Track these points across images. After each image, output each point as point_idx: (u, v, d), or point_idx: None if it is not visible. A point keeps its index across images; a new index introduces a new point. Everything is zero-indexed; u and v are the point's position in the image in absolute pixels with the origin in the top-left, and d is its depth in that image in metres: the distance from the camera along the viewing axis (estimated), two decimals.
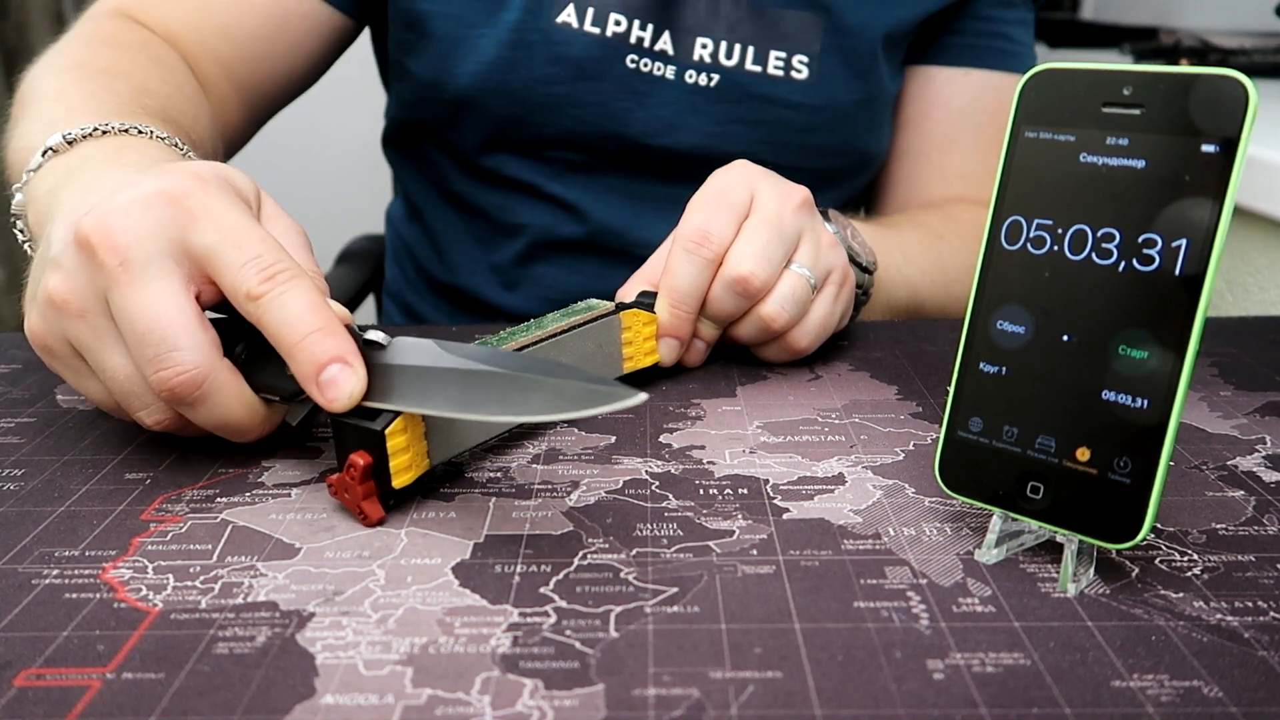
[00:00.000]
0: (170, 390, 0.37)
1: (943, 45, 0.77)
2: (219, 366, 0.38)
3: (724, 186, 0.51)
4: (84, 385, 0.41)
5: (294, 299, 0.37)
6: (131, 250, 0.37)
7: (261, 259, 0.37)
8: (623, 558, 0.36)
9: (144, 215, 0.38)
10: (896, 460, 0.43)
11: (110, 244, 0.37)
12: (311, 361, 0.37)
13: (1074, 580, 0.34)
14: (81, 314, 0.38)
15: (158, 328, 0.37)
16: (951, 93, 0.77)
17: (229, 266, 0.37)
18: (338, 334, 0.37)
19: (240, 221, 0.38)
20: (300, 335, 0.37)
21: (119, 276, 0.37)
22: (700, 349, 0.53)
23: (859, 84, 0.72)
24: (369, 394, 0.37)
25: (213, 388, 0.38)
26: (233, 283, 0.37)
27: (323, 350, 0.37)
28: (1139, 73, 0.32)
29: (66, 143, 0.47)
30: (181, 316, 0.37)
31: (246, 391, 0.39)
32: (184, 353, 0.37)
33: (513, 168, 0.73)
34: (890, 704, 0.28)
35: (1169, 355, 0.31)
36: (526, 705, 0.28)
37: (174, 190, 0.38)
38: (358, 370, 0.37)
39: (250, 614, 0.33)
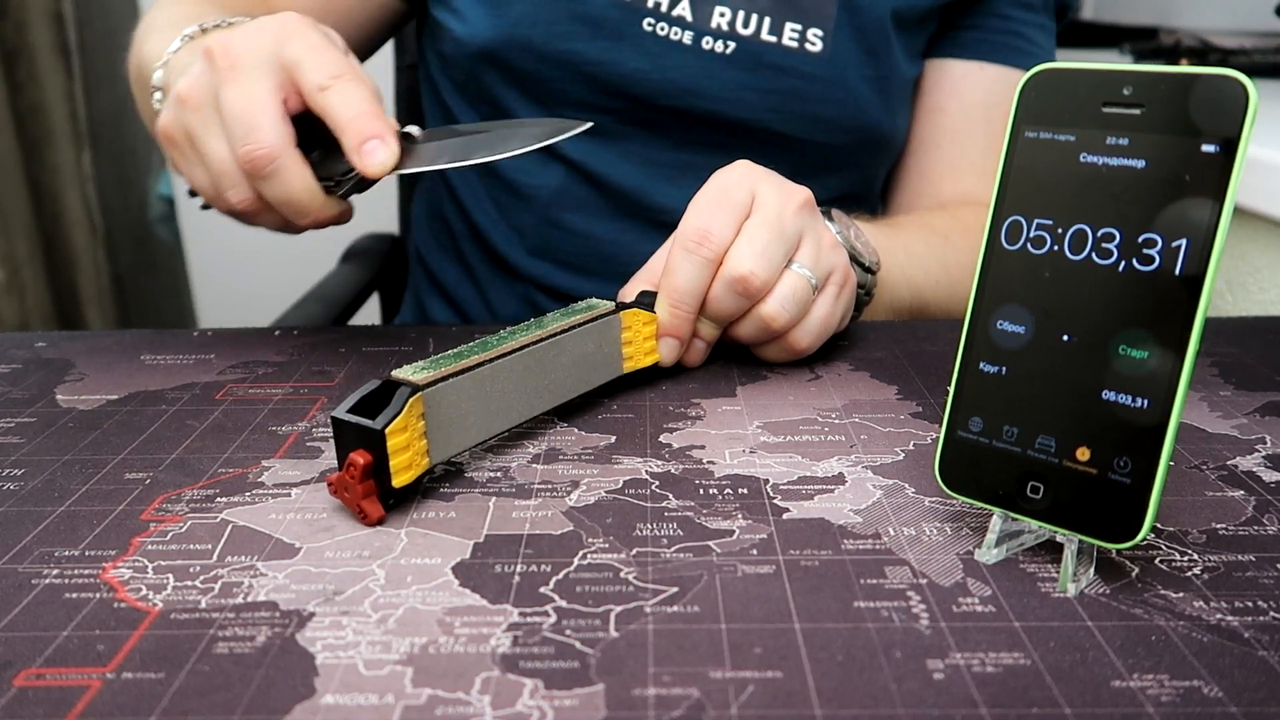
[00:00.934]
0: (251, 162, 0.47)
1: (959, 39, 0.78)
2: (290, 150, 0.47)
3: (724, 186, 0.51)
4: (192, 171, 0.51)
5: (352, 91, 0.47)
6: (240, 57, 0.47)
7: (334, 65, 0.48)
8: (623, 558, 0.36)
9: (254, 34, 0.48)
10: (896, 460, 0.43)
11: (226, 52, 0.48)
12: (358, 134, 0.46)
13: (1074, 580, 0.34)
14: (198, 106, 0.48)
15: (248, 113, 0.47)
16: (966, 86, 0.78)
17: (309, 69, 0.47)
18: (381, 118, 0.47)
19: (322, 43, 0.49)
20: (353, 115, 0.47)
21: (227, 75, 0.47)
22: (700, 349, 0.53)
23: (870, 61, 0.73)
24: (400, 163, 0.47)
25: (283, 165, 0.47)
26: (309, 80, 0.47)
27: (369, 128, 0.47)
28: (1139, 73, 0.32)
29: (201, 30, 0.57)
30: (267, 107, 0.47)
31: (309, 176, 0.48)
32: (265, 132, 0.46)
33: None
34: (890, 704, 0.28)
35: (1169, 355, 0.31)
36: (526, 705, 0.28)
37: (279, 22, 0.49)
38: (391, 146, 0.47)
39: (250, 614, 0.33)
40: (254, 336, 0.59)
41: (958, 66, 0.78)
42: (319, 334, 0.60)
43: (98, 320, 1.81)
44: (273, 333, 0.60)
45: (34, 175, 1.70)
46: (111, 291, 1.82)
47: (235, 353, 0.57)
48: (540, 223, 0.78)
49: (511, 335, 0.46)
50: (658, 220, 0.72)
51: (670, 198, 0.74)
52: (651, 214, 0.75)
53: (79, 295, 1.79)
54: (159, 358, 0.56)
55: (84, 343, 0.59)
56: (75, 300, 1.79)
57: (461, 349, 0.44)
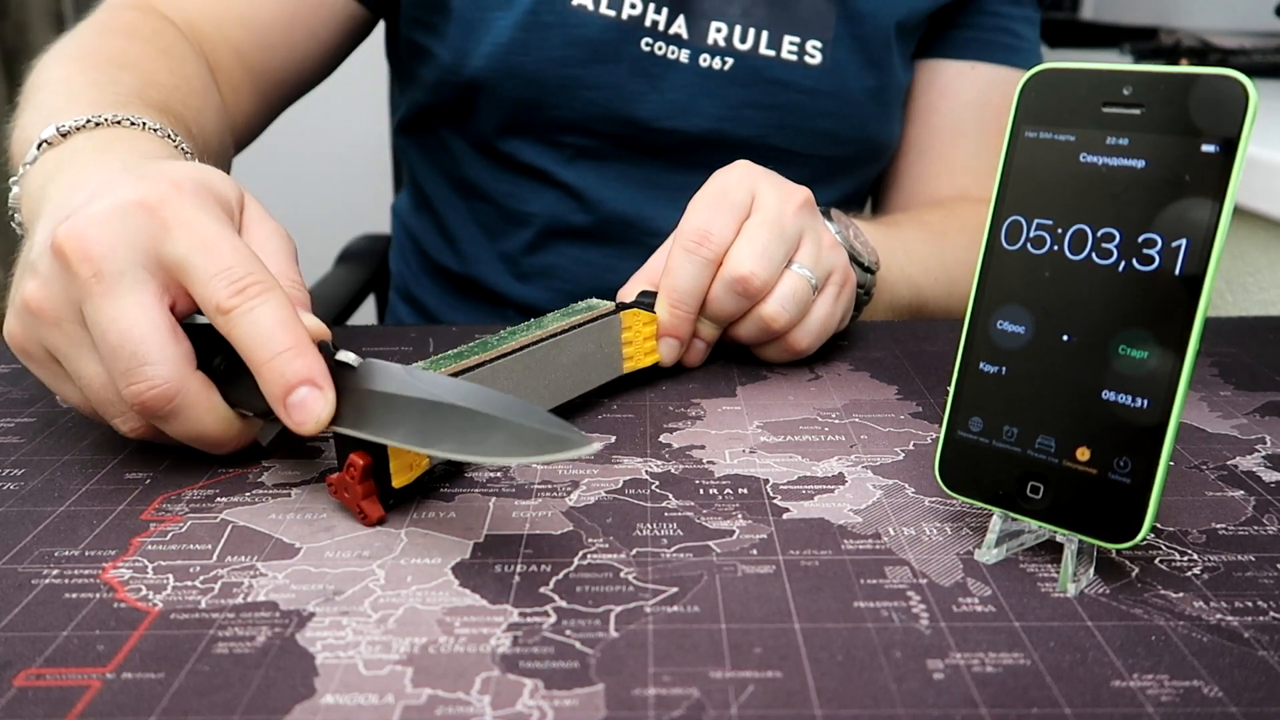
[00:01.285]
0: (142, 404, 0.37)
1: (951, 39, 0.77)
2: (191, 380, 0.38)
3: (724, 186, 0.51)
4: (61, 389, 0.41)
5: (264, 315, 0.37)
6: (105, 261, 0.37)
7: (232, 271, 0.37)
8: (623, 558, 0.36)
9: (118, 225, 0.37)
10: (896, 460, 0.43)
11: (84, 254, 0.37)
12: (280, 382, 0.36)
13: (1074, 580, 0.34)
14: (56, 322, 0.38)
15: (129, 341, 0.37)
16: (959, 86, 0.77)
17: (200, 278, 0.37)
18: (308, 354, 0.37)
19: (214, 230, 0.38)
20: (270, 354, 0.36)
21: (92, 287, 0.37)
22: (700, 349, 0.53)
23: (871, 72, 0.72)
24: (337, 417, 0.37)
25: (185, 402, 0.38)
26: (204, 294, 0.37)
27: (292, 371, 0.36)
28: (1139, 73, 0.32)
29: (60, 135, 0.47)
30: (153, 330, 0.37)
31: (220, 405, 0.39)
32: (155, 367, 0.37)
33: (525, 153, 0.73)
34: (890, 704, 0.28)
35: (1169, 355, 0.31)
36: (526, 705, 0.28)
37: (149, 199, 0.38)
38: (326, 394, 0.37)
39: (250, 614, 0.33)
40: None
41: (949, 67, 0.78)
42: None
43: None
44: None
45: None
46: None
47: None
48: (531, 248, 0.76)
49: (511, 335, 0.46)
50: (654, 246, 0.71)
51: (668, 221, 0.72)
52: (648, 238, 0.72)
53: None
54: None
55: None
56: None
57: (461, 349, 0.44)
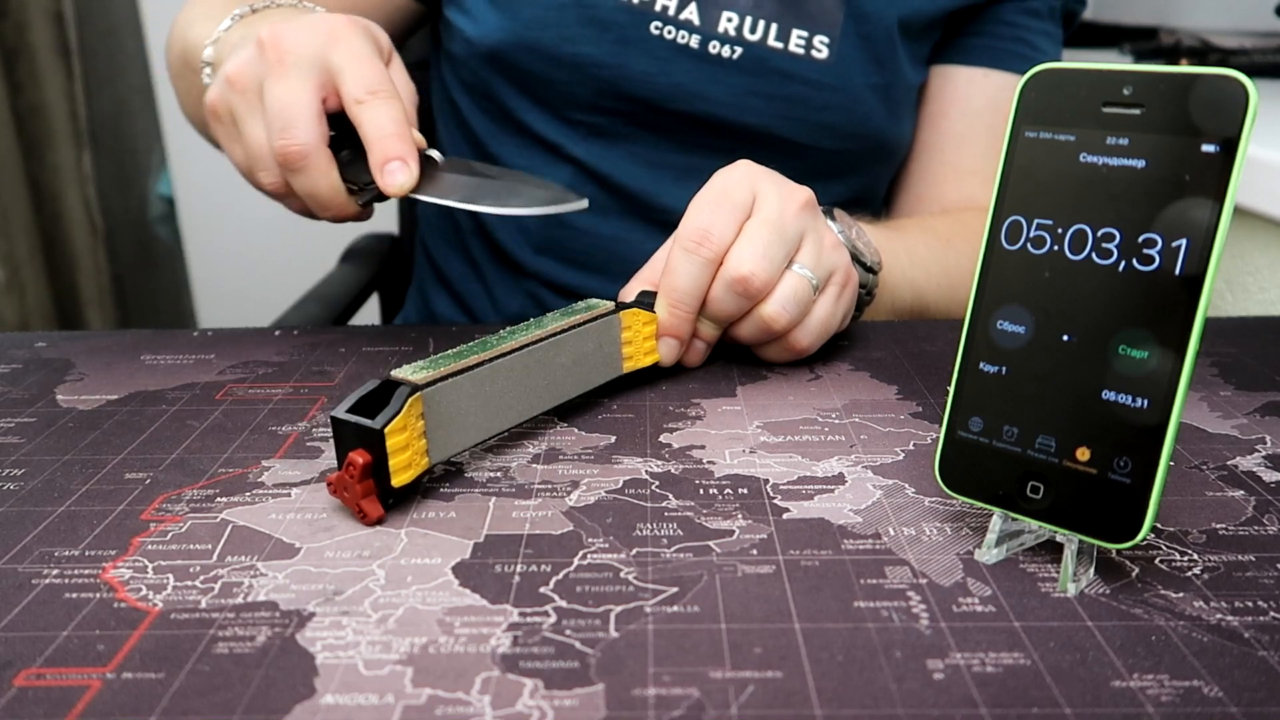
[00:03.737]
0: (284, 155, 0.50)
1: (965, 46, 0.78)
2: (321, 149, 0.50)
3: (725, 186, 0.51)
4: (231, 147, 0.54)
5: (385, 109, 0.49)
6: (288, 53, 0.50)
7: (372, 79, 0.50)
8: (623, 558, 0.36)
9: (305, 33, 0.50)
10: (896, 460, 0.43)
11: (276, 46, 0.50)
12: (383, 153, 0.49)
13: (1074, 580, 0.34)
14: (244, 90, 0.51)
15: (286, 108, 0.49)
16: (970, 92, 0.78)
17: (349, 78, 0.50)
18: (407, 140, 0.50)
19: (367, 53, 0.51)
20: (382, 134, 0.49)
21: (274, 69, 0.50)
22: (700, 349, 0.53)
23: (876, 69, 0.73)
24: (416, 187, 0.50)
25: (312, 163, 0.50)
26: (348, 90, 0.50)
27: (393, 148, 0.49)
28: (1139, 73, 0.32)
29: (252, 11, 0.61)
30: (305, 106, 0.49)
31: (336, 175, 0.51)
32: (299, 130, 0.49)
33: (541, 127, 0.75)
34: (890, 704, 0.28)
35: (1169, 355, 0.31)
36: (526, 705, 0.28)
37: (330, 23, 0.51)
38: (411, 169, 0.49)
39: (250, 614, 0.33)
40: (254, 336, 0.59)
41: (962, 73, 0.78)
42: (319, 334, 0.60)
43: (98, 320, 1.81)
44: (273, 333, 0.60)
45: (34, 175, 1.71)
46: (111, 291, 1.82)
47: (235, 353, 0.57)
48: (547, 222, 0.78)
49: (511, 335, 0.46)
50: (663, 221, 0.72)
51: (676, 199, 0.74)
52: (657, 214, 0.75)
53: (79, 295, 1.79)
54: (159, 358, 0.56)
55: (84, 343, 0.59)
56: (75, 300, 1.79)
57: (461, 348, 0.44)
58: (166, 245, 1.90)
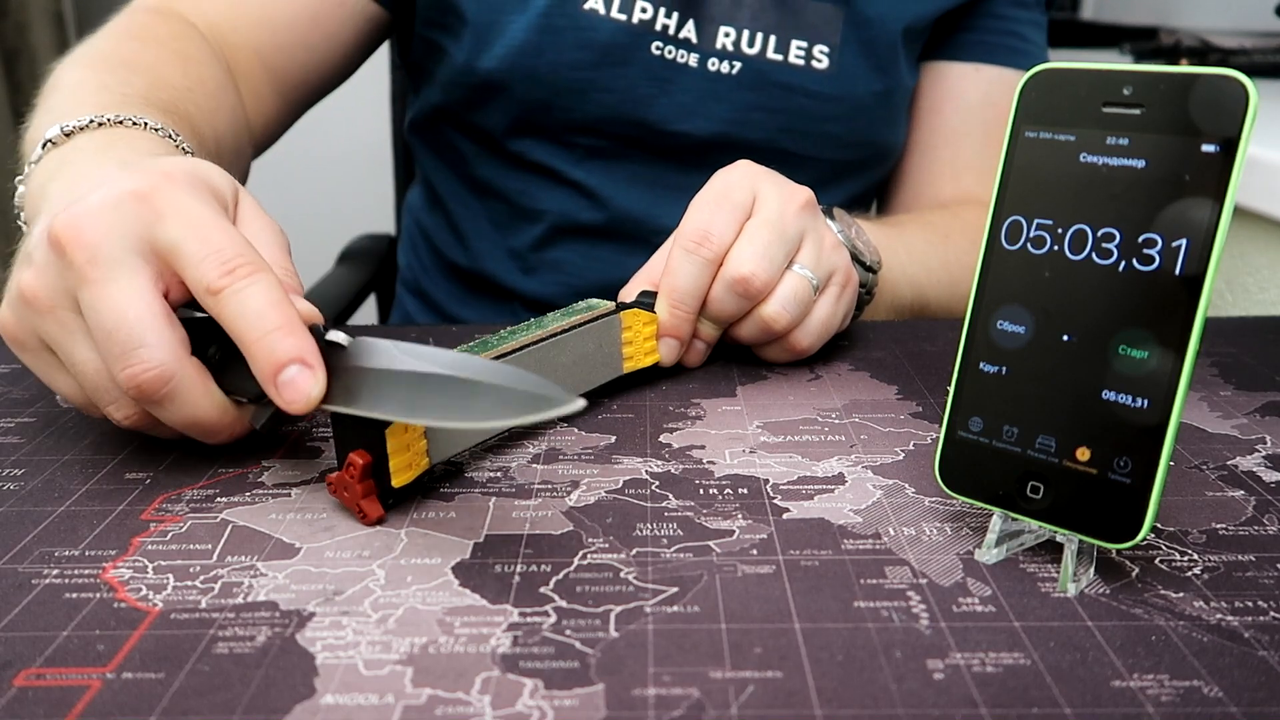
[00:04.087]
0: (137, 387, 0.37)
1: (957, 41, 0.78)
2: (186, 364, 0.38)
3: (726, 186, 0.51)
4: (54, 380, 0.41)
5: (254, 294, 0.37)
6: (99, 248, 0.37)
7: (223, 252, 0.37)
8: (623, 558, 0.36)
9: (112, 214, 0.38)
10: (896, 460, 0.43)
11: (79, 242, 0.37)
12: (270, 361, 0.36)
13: (1074, 580, 0.34)
14: (51, 309, 0.39)
15: (124, 324, 0.37)
16: (964, 88, 0.78)
17: (191, 260, 0.37)
18: (297, 332, 0.37)
19: (205, 217, 0.38)
20: (259, 333, 0.37)
21: (87, 273, 0.37)
22: (700, 349, 0.53)
23: (878, 76, 0.72)
24: (328, 396, 0.37)
25: (179, 386, 0.38)
26: (195, 277, 0.37)
27: (282, 350, 0.36)
28: (1139, 73, 0.32)
29: (64, 134, 0.47)
30: (148, 313, 0.37)
31: (214, 391, 0.39)
32: (150, 349, 0.37)
33: (536, 152, 0.74)
34: (890, 704, 0.28)
35: (1169, 355, 0.31)
36: (526, 705, 0.28)
37: (142, 188, 0.39)
38: (317, 373, 0.37)
39: (250, 614, 0.33)
40: None
41: (954, 69, 0.78)
42: None
43: None
44: None
45: None
46: None
47: None
48: (540, 244, 0.77)
49: (512, 335, 0.46)
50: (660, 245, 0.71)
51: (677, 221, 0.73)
52: (657, 237, 0.72)
53: None
54: None
55: None
56: None
57: (461, 348, 0.44)
58: None
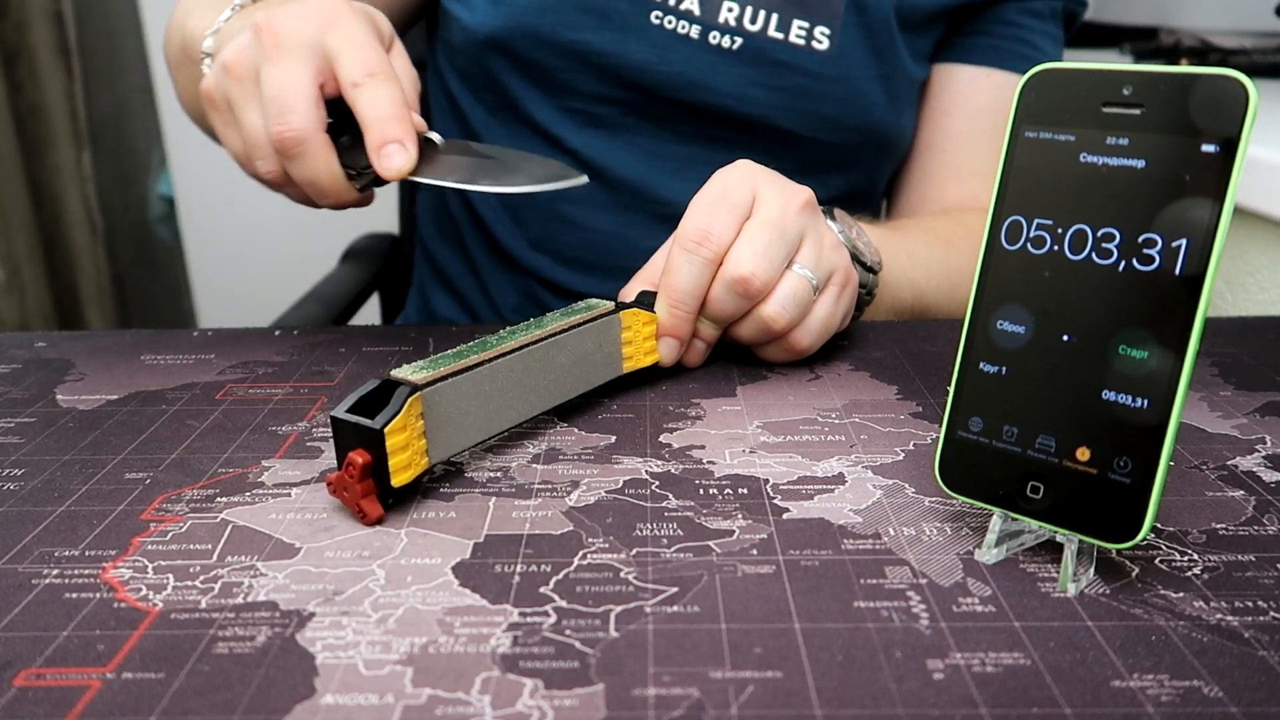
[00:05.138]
0: (280, 140, 0.48)
1: (967, 45, 0.78)
2: (319, 135, 0.49)
3: (726, 187, 0.51)
4: (228, 135, 0.53)
5: (381, 92, 0.48)
6: (284, 38, 0.49)
7: (369, 62, 0.49)
8: (623, 558, 0.36)
9: (299, 18, 0.50)
10: (896, 460, 0.43)
11: (271, 30, 0.49)
12: (380, 136, 0.48)
13: (1074, 580, 0.34)
14: (240, 77, 0.50)
15: (284, 94, 0.48)
16: (973, 91, 0.78)
17: (346, 61, 0.49)
18: (405, 123, 0.48)
19: (365, 37, 0.50)
20: (379, 116, 0.48)
21: (270, 53, 0.49)
22: (700, 349, 0.53)
23: (877, 60, 0.73)
24: (415, 170, 0.49)
25: (309, 149, 0.49)
26: (345, 73, 0.49)
27: (390, 131, 0.48)
28: (1139, 73, 0.32)
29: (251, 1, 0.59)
30: (302, 90, 0.48)
31: (334, 160, 0.50)
32: (296, 115, 0.48)
33: (540, 115, 0.75)
34: (890, 704, 0.28)
35: (1169, 355, 0.31)
36: (526, 705, 0.28)
37: (327, 7, 0.50)
38: (409, 152, 0.48)
39: (250, 614, 0.33)
40: (254, 336, 0.59)
41: (965, 72, 0.78)
42: (319, 334, 0.60)
43: (98, 320, 1.81)
44: (273, 333, 0.60)
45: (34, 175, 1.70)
46: (111, 291, 1.82)
47: (235, 353, 0.57)
48: (543, 215, 0.78)
49: (511, 335, 0.46)
50: (661, 214, 0.72)
51: (674, 191, 0.74)
52: (655, 207, 0.75)
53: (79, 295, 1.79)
54: (159, 358, 0.56)
55: (84, 343, 0.59)
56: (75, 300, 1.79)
57: (461, 348, 0.44)
58: (166, 245, 1.90)
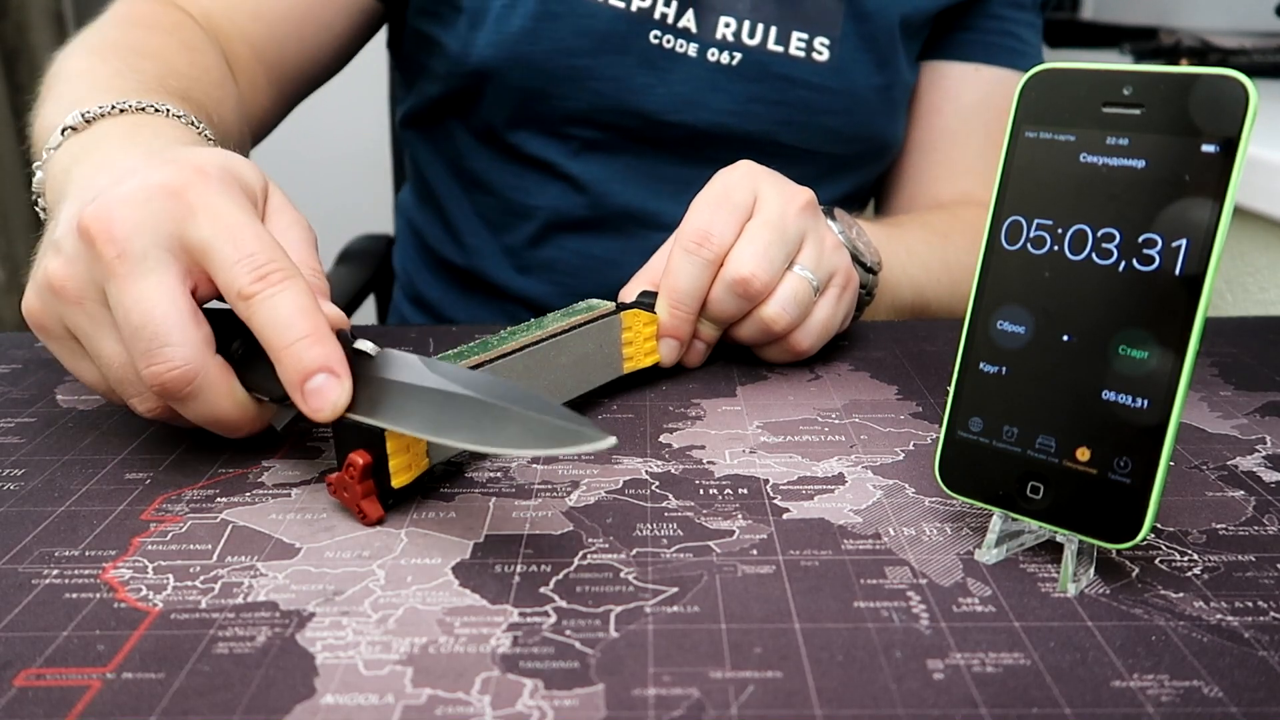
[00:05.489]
0: (161, 385, 0.37)
1: (955, 41, 0.78)
2: (210, 363, 0.38)
3: (726, 187, 0.51)
4: (78, 368, 0.42)
5: (284, 301, 0.37)
6: (129, 243, 0.37)
7: (255, 257, 0.37)
8: (623, 558, 0.36)
9: (143, 208, 0.38)
10: (896, 460, 0.43)
11: (109, 235, 0.37)
12: (298, 368, 0.37)
13: (1074, 580, 0.34)
14: (79, 301, 0.39)
15: (150, 322, 0.37)
16: (962, 88, 0.78)
17: (223, 263, 0.37)
18: (326, 341, 0.37)
19: (238, 217, 0.38)
20: (289, 340, 0.37)
21: (116, 268, 0.37)
22: (700, 349, 0.53)
23: (878, 70, 0.72)
24: (353, 405, 0.37)
25: (203, 384, 0.38)
26: (226, 280, 0.37)
27: (310, 358, 0.37)
28: (1139, 73, 0.32)
29: (85, 120, 0.47)
30: (174, 312, 0.37)
31: (238, 389, 0.39)
32: (175, 349, 0.37)
33: (532, 144, 0.74)
34: (890, 704, 0.28)
35: (1169, 355, 0.31)
36: (526, 705, 0.28)
37: (174, 183, 0.38)
38: (344, 382, 0.37)
39: (250, 614, 0.33)
40: None
41: (953, 69, 0.78)
42: None
43: None
44: None
45: None
46: None
47: None
48: (534, 242, 0.76)
49: (511, 335, 0.46)
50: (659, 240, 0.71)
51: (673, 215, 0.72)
52: (653, 233, 0.73)
53: None
54: None
55: None
56: None
57: (461, 349, 0.44)
58: None
